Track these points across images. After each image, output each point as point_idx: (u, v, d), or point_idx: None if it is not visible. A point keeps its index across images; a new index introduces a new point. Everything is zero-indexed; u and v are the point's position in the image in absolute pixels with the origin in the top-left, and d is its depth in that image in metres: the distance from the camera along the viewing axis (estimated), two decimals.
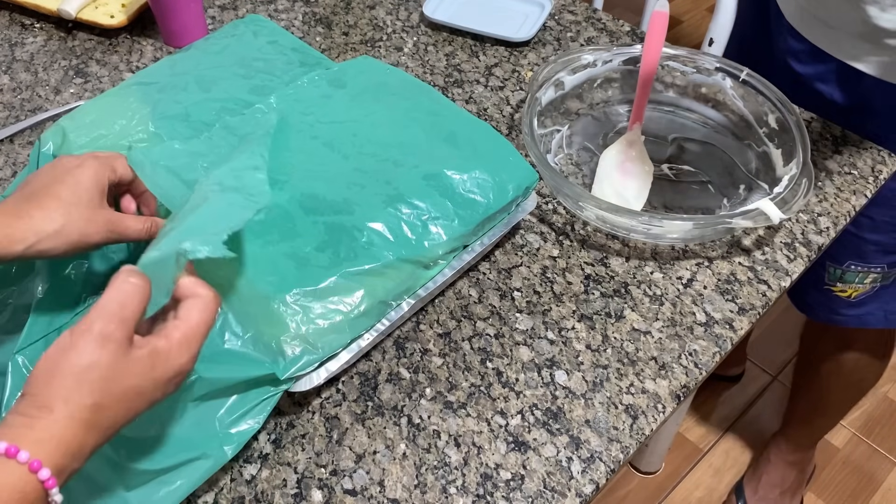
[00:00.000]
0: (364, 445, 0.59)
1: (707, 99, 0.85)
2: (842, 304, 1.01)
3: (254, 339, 0.55)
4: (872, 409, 1.50)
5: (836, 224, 0.75)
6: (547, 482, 0.57)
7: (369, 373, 0.63)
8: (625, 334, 0.66)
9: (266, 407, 0.55)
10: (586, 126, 0.85)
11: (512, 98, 0.88)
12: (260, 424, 0.54)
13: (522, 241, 0.73)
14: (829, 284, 0.98)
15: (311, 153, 0.66)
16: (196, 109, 0.68)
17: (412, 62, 0.92)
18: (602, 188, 0.76)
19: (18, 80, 0.89)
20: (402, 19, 0.98)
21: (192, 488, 0.51)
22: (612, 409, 0.61)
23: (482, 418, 0.60)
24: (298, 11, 0.99)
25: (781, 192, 0.70)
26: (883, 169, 0.81)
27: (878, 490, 1.39)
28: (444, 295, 0.68)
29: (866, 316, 1.02)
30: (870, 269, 0.96)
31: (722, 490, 1.38)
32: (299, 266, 0.58)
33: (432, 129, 0.68)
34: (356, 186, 0.64)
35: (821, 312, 1.05)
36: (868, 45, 0.78)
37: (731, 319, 0.67)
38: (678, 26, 2.33)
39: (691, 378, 0.63)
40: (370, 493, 0.56)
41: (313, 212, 0.62)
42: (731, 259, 0.72)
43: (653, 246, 0.73)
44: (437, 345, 0.65)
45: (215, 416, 0.53)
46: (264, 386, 0.55)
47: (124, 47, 0.93)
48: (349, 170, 0.65)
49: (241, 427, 0.53)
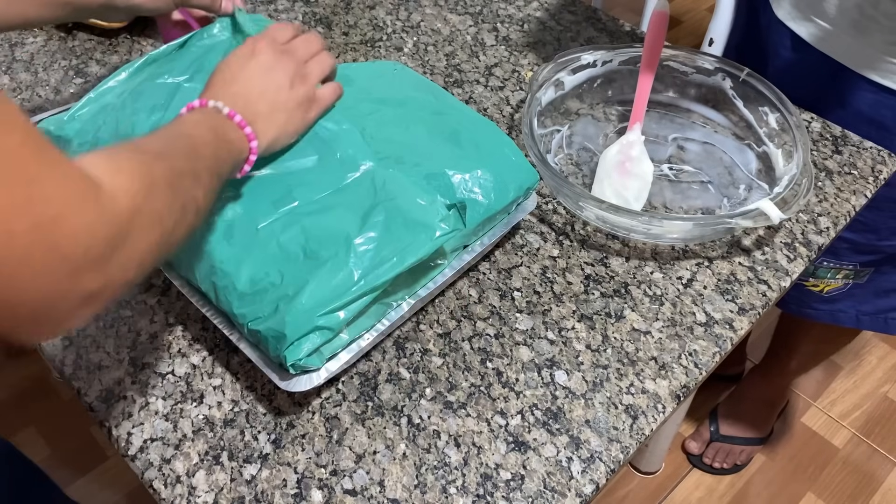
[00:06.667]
0: (364, 445, 0.59)
1: (707, 99, 0.85)
2: (814, 299, 1.03)
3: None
4: (872, 409, 1.50)
5: (836, 224, 0.75)
6: (547, 482, 0.57)
7: (369, 373, 0.63)
8: (625, 334, 0.66)
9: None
10: (586, 126, 0.85)
11: (512, 98, 0.88)
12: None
13: (522, 241, 0.73)
14: (802, 279, 0.99)
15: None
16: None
17: (412, 62, 0.92)
18: (602, 188, 0.76)
19: (18, 80, 0.89)
20: (402, 19, 0.98)
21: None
22: (612, 409, 0.61)
23: (482, 418, 0.60)
24: (298, 11, 0.99)
25: (781, 192, 0.70)
26: (883, 169, 0.81)
27: (878, 490, 1.38)
28: (444, 295, 0.68)
29: (838, 313, 1.04)
30: (841, 265, 0.97)
31: (722, 490, 1.38)
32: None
33: (436, 128, 0.68)
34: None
35: (793, 305, 1.06)
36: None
37: (731, 319, 0.67)
38: (678, 26, 2.33)
39: (691, 378, 0.63)
40: (370, 493, 0.56)
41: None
42: (731, 259, 0.72)
43: (653, 246, 0.73)
44: (437, 345, 0.65)
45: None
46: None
47: (124, 47, 0.93)
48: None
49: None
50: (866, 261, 0.96)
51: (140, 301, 0.68)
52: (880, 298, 1.01)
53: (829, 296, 1.01)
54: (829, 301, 1.02)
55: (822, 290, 1.01)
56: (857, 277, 0.98)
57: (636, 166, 0.77)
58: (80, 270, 0.34)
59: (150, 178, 0.40)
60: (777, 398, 1.41)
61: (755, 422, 1.40)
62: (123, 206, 0.37)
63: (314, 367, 0.57)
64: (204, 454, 0.58)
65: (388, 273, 0.57)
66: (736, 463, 1.40)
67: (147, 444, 0.59)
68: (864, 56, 0.80)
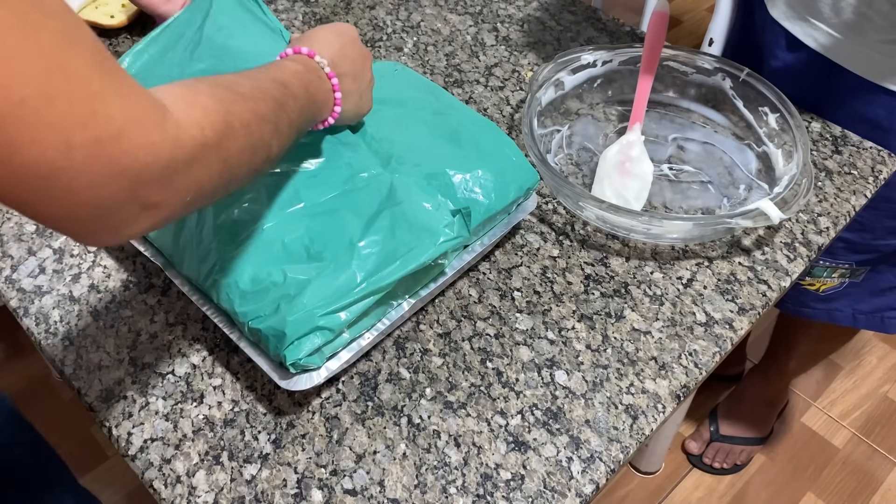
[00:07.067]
0: (364, 445, 0.59)
1: (707, 99, 0.85)
2: (811, 298, 1.03)
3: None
4: (872, 409, 1.50)
5: (836, 224, 0.75)
6: (547, 482, 0.57)
7: (369, 373, 0.63)
8: (625, 334, 0.66)
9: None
10: (586, 126, 0.85)
11: (512, 98, 0.88)
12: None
13: (522, 241, 0.73)
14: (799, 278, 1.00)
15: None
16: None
17: (412, 62, 0.92)
18: (602, 188, 0.76)
19: None
20: (402, 19, 0.98)
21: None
22: (612, 409, 0.61)
23: (482, 418, 0.60)
24: (298, 11, 0.99)
25: (781, 192, 0.70)
26: (883, 169, 0.81)
27: (878, 490, 1.38)
28: (444, 295, 0.68)
29: (835, 312, 1.04)
30: (837, 264, 0.97)
31: (722, 490, 1.38)
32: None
33: (437, 128, 0.68)
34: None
35: (790, 304, 1.06)
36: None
37: (731, 319, 0.67)
38: (678, 26, 2.33)
39: (691, 378, 0.63)
40: (370, 493, 0.56)
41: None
42: (731, 259, 0.72)
43: (653, 246, 0.73)
44: (437, 345, 0.65)
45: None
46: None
47: (124, 47, 0.93)
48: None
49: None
50: (862, 260, 0.96)
51: (140, 301, 0.68)
52: (876, 297, 1.01)
53: (826, 295, 1.02)
54: (826, 300, 1.02)
55: (818, 288, 1.01)
56: (853, 276, 0.99)
57: (636, 166, 0.77)
58: (138, 185, 0.36)
59: (225, 117, 0.41)
60: (777, 398, 1.41)
61: (755, 422, 1.40)
62: (189, 136, 0.38)
63: (314, 367, 0.57)
64: (204, 454, 0.58)
65: (391, 276, 0.57)
66: (736, 463, 1.40)
67: (147, 444, 0.59)
68: (859, 55, 0.80)
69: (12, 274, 0.70)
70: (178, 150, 0.37)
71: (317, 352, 0.56)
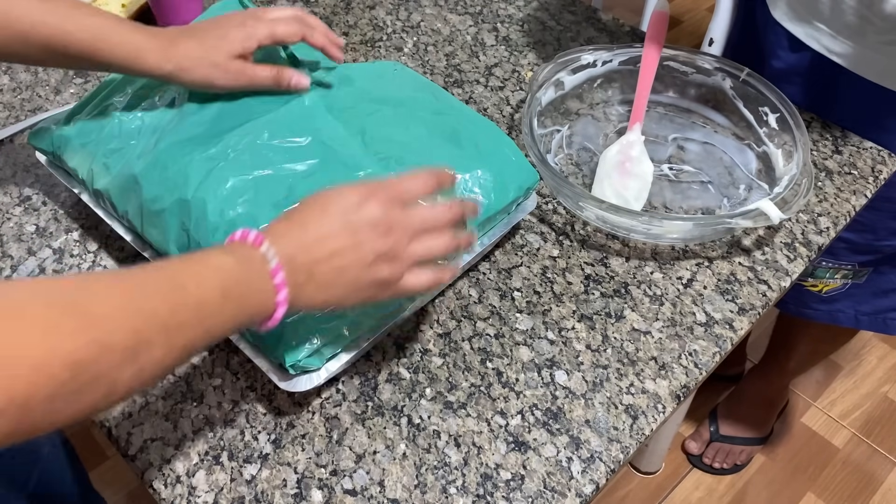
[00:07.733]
0: (364, 445, 0.59)
1: (707, 99, 0.85)
2: (813, 299, 1.03)
3: None
4: (872, 409, 1.50)
5: (836, 224, 0.75)
6: (547, 482, 0.57)
7: (369, 373, 0.63)
8: (625, 334, 0.66)
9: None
10: (586, 126, 0.85)
11: (512, 98, 0.88)
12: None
13: (522, 241, 0.73)
14: (801, 279, 0.99)
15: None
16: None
17: (412, 62, 0.92)
18: (602, 188, 0.76)
19: (18, 80, 0.89)
20: (402, 19, 0.98)
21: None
22: (612, 409, 0.61)
23: (482, 418, 0.60)
24: None
25: (781, 192, 0.70)
26: (883, 169, 0.81)
27: (878, 490, 1.38)
28: (444, 295, 0.68)
29: (837, 313, 1.04)
30: (840, 265, 0.97)
31: (722, 490, 1.38)
32: None
33: (436, 128, 0.68)
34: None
35: (792, 305, 1.06)
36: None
37: (731, 319, 0.67)
38: (678, 26, 2.33)
39: (691, 378, 0.63)
40: (370, 493, 0.56)
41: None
42: (731, 259, 0.72)
43: (653, 246, 0.73)
44: (437, 345, 0.65)
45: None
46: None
47: None
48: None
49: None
50: (864, 261, 0.96)
51: None
52: (879, 298, 1.01)
53: (828, 296, 1.02)
54: (828, 301, 1.02)
55: (820, 290, 1.01)
56: (855, 277, 0.99)
57: (636, 166, 0.77)
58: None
59: (46, 360, 0.34)
60: (777, 398, 1.41)
61: (755, 422, 1.40)
62: (13, 393, 0.33)
63: (314, 368, 0.57)
64: (204, 454, 0.58)
65: None
66: (736, 463, 1.40)
67: (147, 444, 0.59)
68: (859, 56, 0.80)
69: (12, 274, 0.70)
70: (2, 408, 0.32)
71: (316, 353, 0.56)
